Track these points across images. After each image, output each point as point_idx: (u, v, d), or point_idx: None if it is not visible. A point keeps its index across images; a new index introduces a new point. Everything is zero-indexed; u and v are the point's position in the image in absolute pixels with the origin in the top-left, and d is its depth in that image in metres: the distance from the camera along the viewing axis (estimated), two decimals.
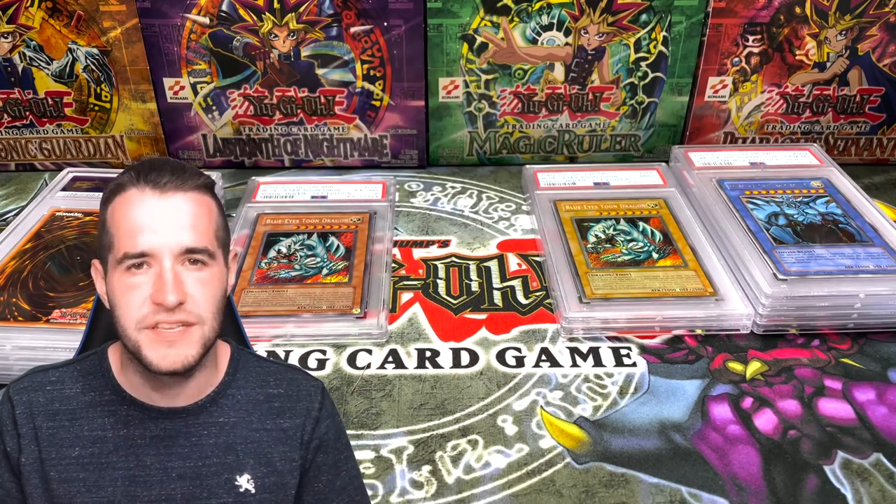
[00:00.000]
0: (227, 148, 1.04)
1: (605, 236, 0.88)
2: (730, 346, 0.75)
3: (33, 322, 0.71)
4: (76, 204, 0.90)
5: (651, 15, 0.99)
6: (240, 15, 0.97)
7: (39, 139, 1.03)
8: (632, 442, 0.65)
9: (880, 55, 1.03)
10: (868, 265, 0.78)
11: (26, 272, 0.78)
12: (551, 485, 0.62)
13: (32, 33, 0.97)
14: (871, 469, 0.62)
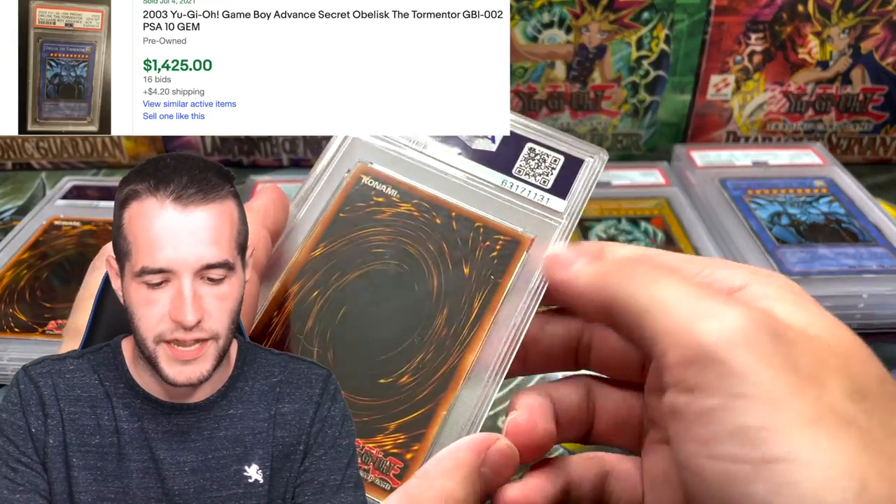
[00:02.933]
0: (224, 146, 1.04)
1: (606, 236, 0.87)
2: None
3: (29, 333, 0.70)
4: (75, 213, 0.89)
5: (653, 13, 0.98)
6: None
7: (36, 138, 1.03)
8: None
9: (883, 53, 1.02)
10: (871, 265, 0.77)
11: (23, 282, 0.77)
12: None
13: None
14: None
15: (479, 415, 0.38)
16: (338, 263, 0.42)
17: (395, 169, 0.43)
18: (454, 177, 0.42)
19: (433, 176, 0.43)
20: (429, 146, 0.43)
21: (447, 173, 0.43)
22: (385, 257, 0.42)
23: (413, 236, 0.41)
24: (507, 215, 0.41)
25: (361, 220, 0.43)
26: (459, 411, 0.38)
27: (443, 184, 0.42)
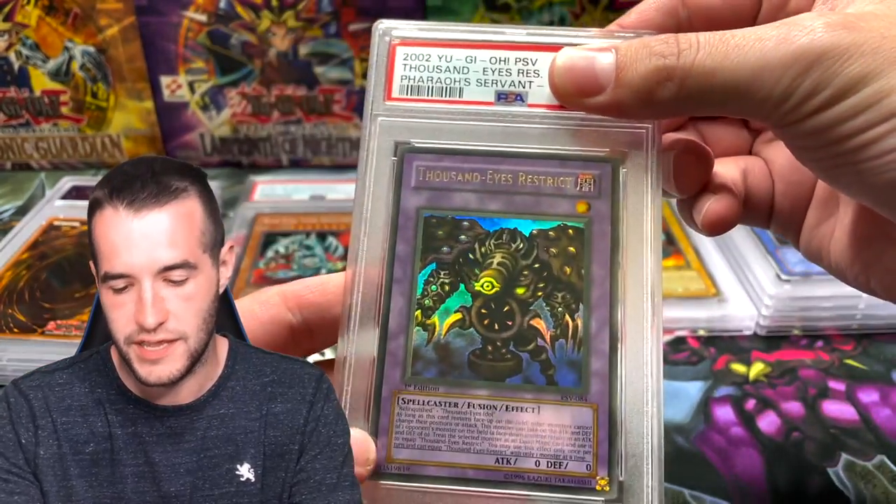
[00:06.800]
0: (224, 147, 1.04)
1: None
2: (733, 347, 0.74)
3: (28, 334, 0.70)
4: (74, 213, 0.89)
5: None
6: (237, 12, 0.96)
7: (36, 138, 1.03)
8: None
9: None
10: None
11: (23, 283, 0.77)
12: None
13: (28, 31, 0.96)
14: (874, 471, 0.62)
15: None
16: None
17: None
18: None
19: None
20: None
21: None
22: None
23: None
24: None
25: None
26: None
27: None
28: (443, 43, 0.38)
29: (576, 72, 0.32)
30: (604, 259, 0.35)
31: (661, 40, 0.30)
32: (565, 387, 0.33)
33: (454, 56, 0.37)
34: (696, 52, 0.29)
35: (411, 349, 0.35)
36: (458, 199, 0.35)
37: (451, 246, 0.35)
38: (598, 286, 0.35)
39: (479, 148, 0.36)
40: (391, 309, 0.35)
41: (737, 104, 0.30)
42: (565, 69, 0.33)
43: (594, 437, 0.33)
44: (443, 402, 0.34)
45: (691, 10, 0.36)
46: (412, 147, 0.36)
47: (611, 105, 0.32)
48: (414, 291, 0.35)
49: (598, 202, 0.35)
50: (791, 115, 0.29)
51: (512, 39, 0.36)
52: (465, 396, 0.34)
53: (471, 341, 0.34)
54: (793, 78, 0.28)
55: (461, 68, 0.37)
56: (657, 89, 0.30)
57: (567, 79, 0.33)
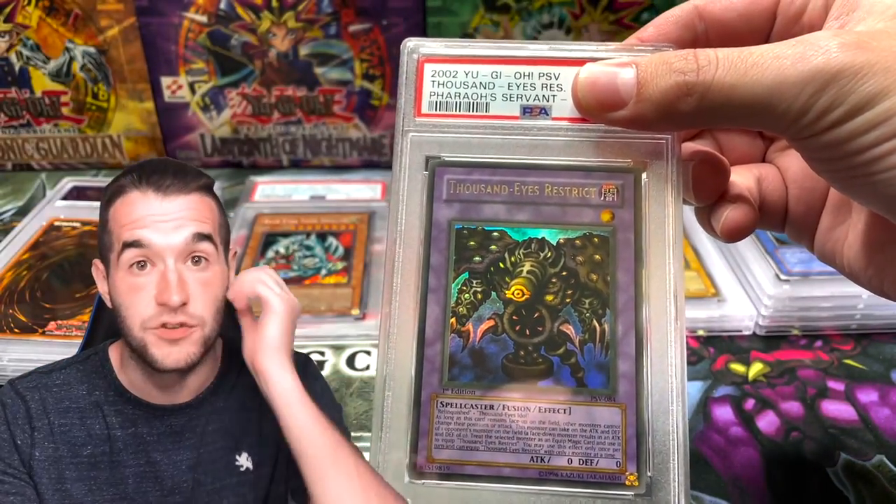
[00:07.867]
0: (224, 147, 1.04)
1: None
2: (732, 347, 0.74)
3: (29, 334, 0.70)
4: (75, 214, 0.89)
5: (653, 13, 0.98)
6: (238, 13, 0.96)
7: (36, 139, 1.03)
8: None
9: None
10: None
11: (23, 283, 0.77)
12: None
13: (29, 32, 0.97)
14: (873, 471, 0.62)
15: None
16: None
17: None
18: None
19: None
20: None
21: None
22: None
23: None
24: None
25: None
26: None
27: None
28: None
29: (598, 87, 0.33)
30: (628, 266, 0.36)
31: (681, 56, 0.31)
32: (594, 388, 0.35)
33: (480, 72, 0.38)
34: (715, 68, 0.30)
35: (447, 355, 0.36)
36: (487, 210, 0.37)
37: (482, 255, 0.36)
38: (623, 292, 0.36)
39: (506, 161, 0.37)
40: (427, 317, 0.37)
41: (755, 118, 0.31)
42: (588, 85, 0.34)
43: (623, 435, 0.34)
44: (479, 405, 0.35)
45: (708, 24, 0.37)
46: (442, 161, 0.38)
47: (632, 119, 0.33)
48: (448, 300, 0.36)
49: (622, 211, 0.36)
50: (808, 130, 0.30)
51: (535, 55, 0.37)
52: (501, 399, 0.35)
53: (504, 346, 0.35)
54: (810, 95, 0.29)
55: (487, 84, 0.38)
56: (677, 104, 0.31)
57: (590, 94, 0.34)
